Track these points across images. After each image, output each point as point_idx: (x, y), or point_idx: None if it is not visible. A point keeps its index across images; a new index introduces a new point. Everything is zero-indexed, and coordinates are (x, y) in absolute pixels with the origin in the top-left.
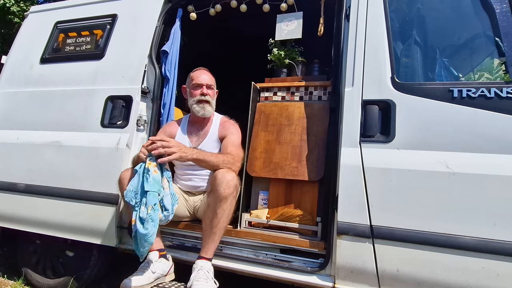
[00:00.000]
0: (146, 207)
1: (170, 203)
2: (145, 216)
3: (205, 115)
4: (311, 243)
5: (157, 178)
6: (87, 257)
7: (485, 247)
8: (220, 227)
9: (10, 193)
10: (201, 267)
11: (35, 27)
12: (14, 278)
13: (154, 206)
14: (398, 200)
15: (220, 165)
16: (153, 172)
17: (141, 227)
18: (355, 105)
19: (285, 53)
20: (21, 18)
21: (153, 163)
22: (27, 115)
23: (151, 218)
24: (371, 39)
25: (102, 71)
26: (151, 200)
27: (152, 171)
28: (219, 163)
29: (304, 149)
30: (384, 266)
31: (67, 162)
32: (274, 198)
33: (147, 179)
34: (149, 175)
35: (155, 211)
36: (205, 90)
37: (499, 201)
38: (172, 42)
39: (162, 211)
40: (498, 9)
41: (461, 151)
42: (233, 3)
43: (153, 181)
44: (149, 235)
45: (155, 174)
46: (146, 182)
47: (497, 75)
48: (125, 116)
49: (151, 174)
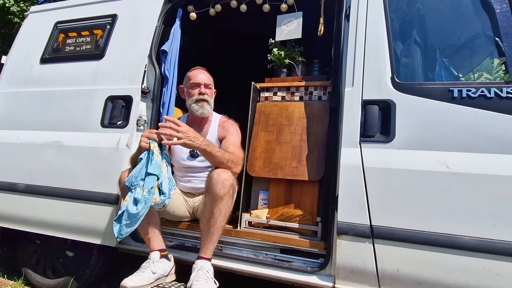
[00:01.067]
0: (143, 189)
1: (168, 187)
2: (140, 197)
3: (204, 114)
4: (311, 243)
5: (159, 162)
6: (87, 257)
7: (485, 247)
8: (218, 226)
9: (10, 193)
10: (201, 267)
11: (35, 27)
12: (14, 278)
13: (151, 190)
14: (398, 200)
15: (224, 162)
16: (156, 156)
17: (133, 207)
18: (355, 105)
19: (285, 53)
20: (21, 18)
21: (157, 147)
22: (27, 115)
23: (145, 201)
24: (371, 39)
25: (102, 71)
26: (149, 183)
27: (156, 155)
28: (224, 161)
29: (304, 149)
30: (384, 266)
31: (67, 162)
32: (274, 198)
33: (151, 162)
34: (153, 157)
35: (150, 194)
36: (203, 89)
37: (499, 201)
38: (172, 42)
39: (160, 195)
40: (498, 9)
41: (461, 151)
42: (233, 3)
43: (155, 165)
44: (138, 216)
45: (157, 158)
46: (150, 165)
47: (497, 75)
48: (125, 116)
49: (154, 157)
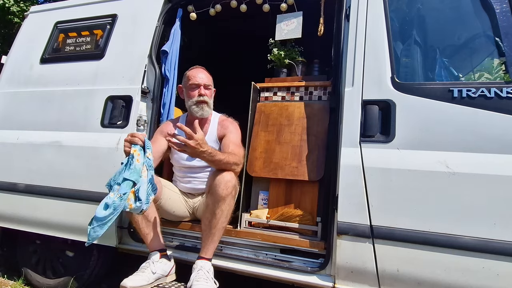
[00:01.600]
0: (116, 194)
1: (146, 193)
2: (110, 202)
3: (204, 115)
4: (311, 243)
5: (138, 167)
6: (87, 257)
7: (485, 247)
8: (219, 227)
9: (10, 193)
10: (201, 267)
11: (35, 27)
12: (14, 278)
13: (123, 195)
14: (398, 200)
15: (228, 168)
16: (136, 160)
17: (101, 212)
18: (355, 105)
19: (285, 53)
20: (21, 18)
21: (138, 150)
22: (27, 115)
23: (114, 207)
24: (371, 39)
25: (102, 71)
26: (123, 189)
27: (136, 159)
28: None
29: (304, 149)
30: (384, 266)
31: (67, 162)
32: (274, 198)
33: (129, 166)
34: (132, 162)
35: (122, 200)
36: (202, 90)
37: (499, 201)
38: (172, 42)
39: (136, 201)
40: (498, 9)
41: (461, 151)
42: (233, 3)
43: (133, 170)
44: (105, 221)
45: (137, 163)
46: (128, 169)
47: (497, 75)
48: (125, 116)
49: (134, 161)
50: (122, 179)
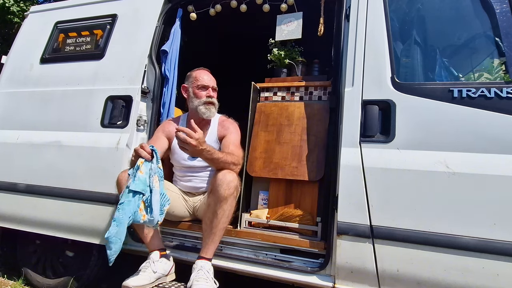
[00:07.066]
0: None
1: (159, 203)
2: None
3: (210, 117)
4: (311, 243)
5: (142, 178)
6: (87, 257)
7: (485, 247)
8: (220, 227)
9: (11, 193)
10: (201, 267)
11: (35, 27)
12: (14, 278)
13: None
14: (398, 200)
15: (226, 167)
16: (139, 172)
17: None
18: (355, 105)
19: (285, 53)
20: (21, 18)
21: (144, 161)
22: (27, 115)
23: (115, 220)
24: (371, 39)
25: (102, 71)
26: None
27: (139, 171)
28: (226, 165)
29: (304, 149)
30: (384, 266)
31: (67, 162)
32: (274, 198)
33: (134, 178)
34: (136, 173)
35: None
36: (211, 92)
37: (499, 201)
38: (172, 42)
39: (148, 212)
40: (498, 9)
41: (461, 151)
42: (233, 3)
43: (138, 181)
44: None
45: (140, 174)
46: (133, 182)
47: (497, 75)
48: (125, 116)
49: (137, 173)
50: (128, 191)
